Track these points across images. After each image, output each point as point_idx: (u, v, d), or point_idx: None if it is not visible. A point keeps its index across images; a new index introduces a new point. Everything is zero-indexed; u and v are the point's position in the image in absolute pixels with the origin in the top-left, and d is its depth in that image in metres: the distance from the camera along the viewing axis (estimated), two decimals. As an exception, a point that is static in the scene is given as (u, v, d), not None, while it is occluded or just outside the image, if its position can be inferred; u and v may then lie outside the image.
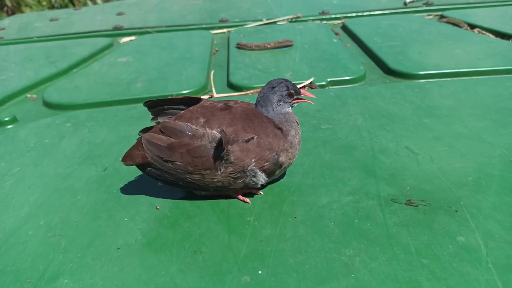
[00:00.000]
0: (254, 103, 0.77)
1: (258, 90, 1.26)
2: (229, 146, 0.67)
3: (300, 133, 0.75)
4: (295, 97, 0.75)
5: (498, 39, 1.58)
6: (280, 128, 0.72)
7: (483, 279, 0.55)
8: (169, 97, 0.77)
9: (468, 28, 1.76)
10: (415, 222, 0.66)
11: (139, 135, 0.75)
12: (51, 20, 2.37)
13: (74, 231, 0.70)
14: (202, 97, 1.25)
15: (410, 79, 1.29)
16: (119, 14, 2.38)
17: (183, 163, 0.67)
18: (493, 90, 1.12)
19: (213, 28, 2.02)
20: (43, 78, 1.46)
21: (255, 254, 0.62)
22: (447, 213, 0.68)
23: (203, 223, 0.69)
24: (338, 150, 0.89)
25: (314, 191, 0.76)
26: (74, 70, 1.59)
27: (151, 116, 0.77)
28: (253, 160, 0.68)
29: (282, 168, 0.73)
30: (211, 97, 1.26)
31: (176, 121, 0.70)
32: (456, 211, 0.68)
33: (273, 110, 0.73)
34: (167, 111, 0.75)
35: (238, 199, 0.74)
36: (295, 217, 0.69)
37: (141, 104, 1.19)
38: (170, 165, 0.68)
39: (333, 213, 0.70)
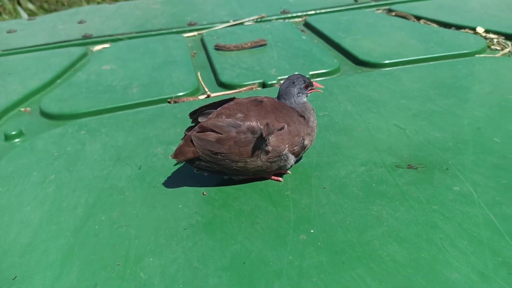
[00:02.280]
0: (276, 96, 0.90)
1: (250, 87, 1.39)
2: (268, 137, 0.79)
3: (316, 118, 0.90)
4: (309, 88, 0.90)
5: (441, 28, 1.83)
6: (302, 116, 0.86)
7: (479, 214, 0.73)
8: (206, 104, 0.88)
9: (415, 20, 2.00)
10: (419, 180, 0.83)
11: (185, 133, 0.85)
12: (9, 32, 2.32)
13: (137, 221, 0.79)
14: (200, 97, 1.36)
15: (379, 68, 1.48)
16: (80, 22, 2.39)
17: (231, 154, 0.79)
18: (450, 73, 1.34)
19: (184, 32, 2.10)
20: (31, 90, 1.48)
21: (302, 219, 0.76)
22: (441, 171, 0.86)
23: (249, 202, 0.82)
24: (339, 132, 1.05)
25: (332, 166, 0.91)
26: (58, 81, 1.62)
27: (162, 118, 0.89)
28: (286, 146, 0.82)
29: (305, 150, 0.88)
30: (208, 96, 1.37)
31: (223, 117, 0.81)
32: (447, 169, 0.86)
33: (295, 101, 0.87)
34: (204, 112, 0.87)
35: (272, 179, 0.88)
36: (324, 188, 0.84)
37: (147, 108, 1.28)
38: (219, 156, 0.79)
39: (353, 181, 0.85)
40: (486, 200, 0.77)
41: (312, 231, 0.73)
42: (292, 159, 0.84)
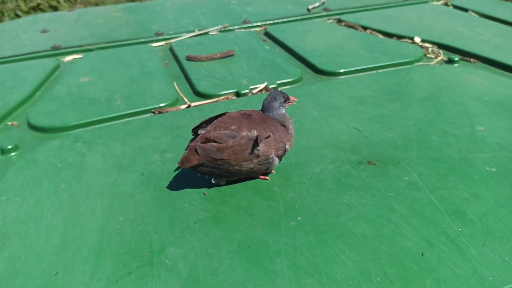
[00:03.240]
0: (260, 109, 1.08)
1: (226, 96, 1.56)
2: (259, 144, 0.97)
3: (293, 126, 1.08)
4: (287, 101, 1.08)
5: (385, 38, 2.10)
6: (283, 125, 1.05)
7: (424, 197, 0.96)
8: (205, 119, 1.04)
9: (362, 30, 2.26)
10: (377, 173, 1.05)
11: (188, 144, 1.01)
12: (-33, 42, 2.30)
13: (152, 220, 0.94)
14: (181, 107, 1.51)
15: (335, 76, 1.70)
16: (43, 31, 2.41)
17: (229, 159, 0.96)
18: (395, 80, 1.58)
19: (151, 42, 2.21)
20: (14, 105, 1.55)
21: (290, 209, 0.94)
22: (393, 165, 1.08)
23: (244, 198, 0.99)
24: (310, 135, 1.24)
25: (308, 165, 1.10)
26: (37, 93, 1.69)
27: (151, 128, 1.20)
28: (273, 150, 1.00)
29: (286, 152, 1.06)
30: (189, 106, 1.51)
31: (221, 130, 0.98)
32: (398, 163, 1.09)
33: (277, 113, 1.05)
34: (203, 125, 1.03)
35: (260, 178, 1.05)
36: (304, 183, 1.03)
37: (134, 118, 1.41)
38: (219, 162, 0.96)
39: (327, 176, 1.05)
40: (428, 186, 0.99)
41: (299, 218, 0.92)
42: (277, 161, 1.02)
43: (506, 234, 0.84)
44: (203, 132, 1.01)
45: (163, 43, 2.21)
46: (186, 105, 1.52)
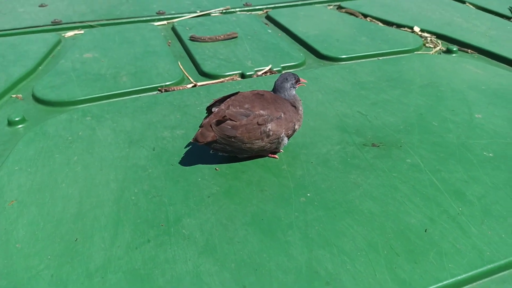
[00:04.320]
0: (271, 90, 1.11)
1: (231, 77, 1.58)
2: (269, 124, 1.00)
3: (302, 107, 1.12)
4: (298, 83, 1.11)
5: (385, 26, 2.13)
6: (294, 106, 1.08)
7: (426, 179, 1.01)
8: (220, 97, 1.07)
9: (362, 17, 2.28)
10: (381, 155, 1.10)
11: (203, 121, 1.03)
12: (-35, 13, 2.26)
13: (166, 192, 0.97)
14: (188, 86, 1.52)
15: (338, 61, 1.74)
16: (41, 6, 2.38)
17: (242, 137, 0.99)
18: (396, 68, 1.63)
19: (153, 21, 2.21)
20: (18, 77, 1.54)
21: (300, 186, 0.98)
22: (396, 148, 1.13)
23: (255, 174, 1.03)
24: (316, 117, 1.28)
25: (314, 145, 1.14)
26: (40, 68, 1.68)
27: (159, 105, 1.23)
28: (283, 130, 1.03)
29: (295, 132, 1.10)
30: (195, 85, 1.53)
31: (237, 108, 1.00)
32: (401, 146, 1.13)
33: (288, 93, 1.08)
34: (217, 104, 1.05)
35: (269, 156, 1.09)
36: (312, 162, 1.07)
37: (142, 95, 1.42)
38: (233, 139, 0.99)
39: (333, 156, 1.09)
40: (430, 168, 1.04)
41: (308, 194, 0.96)
42: (286, 140, 1.06)
43: (503, 214, 0.90)
44: (217, 109, 1.04)
45: (165, 22, 2.20)
46: (192, 85, 1.54)
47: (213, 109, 1.05)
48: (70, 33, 2.04)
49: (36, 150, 1.12)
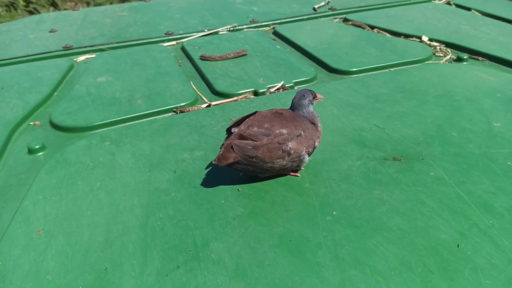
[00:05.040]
0: (289, 108, 1.11)
1: (244, 96, 1.58)
2: (290, 142, 1.00)
3: (321, 124, 1.12)
4: (315, 99, 1.12)
5: (393, 37, 2.14)
6: (313, 123, 1.08)
7: (452, 192, 1.00)
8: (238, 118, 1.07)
9: (369, 29, 2.30)
10: (404, 169, 1.09)
11: (224, 143, 1.03)
12: (-23, 42, 2.30)
13: (191, 216, 0.97)
14: (202, 106, 1.53)
15: (349, 74, 1.74)
16: (51, 31, 2.42)
17: (264, 157, 0.99)
18: (408, 78, 1.63)
19: (162, 41, 2.23)
20: (34, 105, 1.56)
21: (324, 204, 0.98)
22: (418, 161, 1.12)
23: (278, 194, 1.02)
24: (333, 132, 1.28)
25: (334, 161, 1.14)
26: (55, 93, 1.70)
27: (176, 127, 1.26)
28: (304, 148, 1.03)
29: (315, 150, 1.10)
30: (209, 105, 1.54)
31: (255, 128, 1.01)
32: (422, 159, 1.13)
33: (306, 110, 1.09)
34: (236, 124, 1.06)
35: (291, 175, 1.09)
36: (334, 179, 1.07)
37: (158, 117, 1.43)
38: (254, 159, 0.99)
39: (355, 172, 1.09)
40: (454, 181, 1.04)
41: (334, 213, 0.95)
42: (307, 158, 1.06)
43: (534, 225, 0.89)
44: (236, 130, 1.04)
45: (174, 42, 2.23)
46: (207, 104, 1.55)
47: (232, 130, 1.06)
48: (82, 58, 2.07)
49: (58, 178, 1.13)
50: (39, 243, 0.91)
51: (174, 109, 1.50)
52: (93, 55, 2.08)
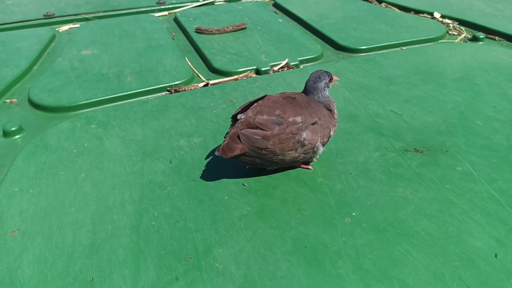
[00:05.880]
0: (302, 91, 0.98)
1: (246, 74, 1.44)
2: (304, 132, 0.88)
3: (337, 110, 0.99)
4: (331, 81, 0.99)
5: (402, 12, 2.00)
6: (329, 109, 0.95)
7: (483, 190, 0.89)
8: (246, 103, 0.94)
9: (377, 3, 2.14)
10: (427, 163, 0.98)
11: (229, 131, 0.91)
12: (-51, 7, 2.09)
13: (191, 215, 0.85)
14: (199, 85, 1.39)
15: (358, 53, 1.61)
16: (31, -3, 2.21)
17: (274, 148, 0.87)
18: (423, 58, 1.50)
19: (153, 11, 2.05)
20: (11, 80, 1.40)
21: (342, 203, 0.87)
22: (442, 153, 1.01)
23: (289, 190, 0.91)
24: (346, 119, 1.16)
25: (350, 152, 1.02)
26: (35, 67, 1.54)
27: (170, 108, 1.14)
28: (319, 138, 0.91)
29: (329, 139, 0.98)
30: (207, 84, 1.40)
31: (264, 116, 0.88)
32: (447, 151, 1.02)
33: (322, 95, 0.96)
34: (243, 110, 0.93)
35: (302, 167, 0.97)
36: (351, 173, 0.95)
37: (150, 97, 1.29)
38: (263, 151, 0.87)
39: (373, 165, 0.97)
40: (484, 177, 0.93)
41: (353, 214, 0.84)
42: (321, 149, 0.93)
43: None
44: (243, 117, 0.91)
45: (166, 12, 2.05)
46: (204, 83, 1.40)
47: (238, 117, 0.92)
48: (64, 27, 1.89)
49: (37, 166, 0.99)
50: (14, 247, 0.78)
51: (168, 88, 1.36)
52: (77, 25, 1.90)
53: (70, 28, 1.87)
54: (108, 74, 1.42)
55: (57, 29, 1.87)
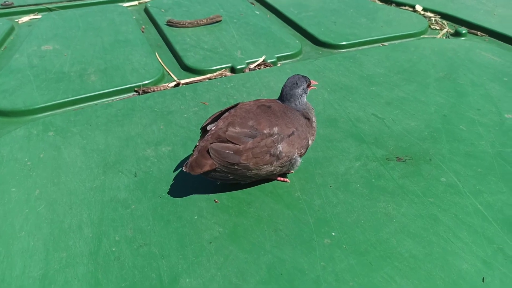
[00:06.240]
0: (277, 98, 0.90)
1: (220, 73, 1.36)
2: (280, 144, 0.81)
3: (315, 117, 0.92)
4: (309, 86, 0.92)
5: (384, 4, 1.93)
6: (307, 118, 0.88)
7: (468, 204, 0.84)
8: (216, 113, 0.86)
9: (357, -6, 2.07)
10: (410, 173, 0.92)
11: (198, 144, 0.83)
12: None
13: (156, 238, 0.77)
14: (169, 85, 1.30)
15: (338, 49, 1.54)
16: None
17: (248, 163, 0.79)
18: (405, 55, 1.44)
19: (122, 1, 1.93)
20: (-38, 79, 1.28)
21: (320, 221, 0.80)
22: (426, 162, 0.96)
23: (264, 206, 0.84)
24: (325, 124, 1.09)
25: (329, 161, 0.96)
26: (-10, 64, 1.41)
27: (137, 112, 1.05)
28: (296, 150, 0.84)
29: (308, 149, 0.91)
30: (178, 84, 1.30)
31: (236, 127, 0.80)
32: (430, 160, 0.96)
33: (299, 102, 0.88)
34: (214, 120, 0.85)
35: (279, 180, 0.90)
36: (330, 186, 0.89)
37: (115, 98, 1.19)
38: (236, 167, 0.79)
39: (354, 177, 0.91)
40: (469, 189, 0.88)
41: (333, 233, 0.78)
42: (299, 161, 0.87)
43: None
44: (214, 128, 0.83)
45: (135, 2, 1.93)
46: (175, 83, 1.31)
47: (208, 127, 0.85)
48: (24, 18, 1.75)
49: (-15, 182, 0.89)
50: (-47, 282, 0.69)
51: (136, 89, 1.26)
52: (39, 16, 1.76)
53: (30, 19, 1.74)
54: (70, 72, 1.31)
55: (16, 20, 1.73)
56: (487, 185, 0.89)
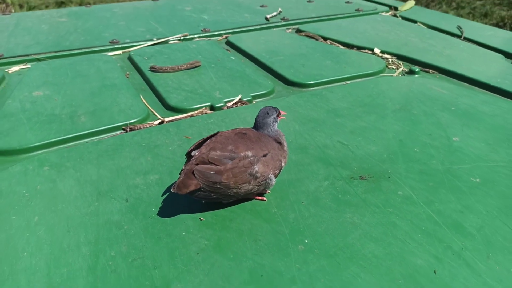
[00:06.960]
0: (252, 127, 1.03)
1: (201, 111, 1.49)
2: (256, 165, 0.93)
3: (287, 142, 1.06)
4: (279, 116, 1.05)
5: (346, 49, 2.15)
6: (279, 142, 1.01)
7: (422, 212, 0.97)
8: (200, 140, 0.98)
9: (323, 40, 2.29)
10: (372, 189, 1.05)
11: (183, 168, 0.94)
12: None
13: (149, 252, 0.86)
14: (154, 123, 1.42)
15: (306, 87, 1.71)
16: (-22, 38, 2.17)
17: (228, 182, 0.91)
18: (366, 91, 1.62)
19: (107, 51, 2.08)
20: (-43, 123, 1.36)
21: (295, 232, 0.91)
22: (385, 179, 1.09)
23: (245, 222, 0.94)
24: (297, 151, 1.22)
25: (301, 182, 1.08)
26: (-18, 109, 1.50)
27: (126, 147, 1.16)
28: (270, 170, 0.96)
29: (281, 170, 1.03)
30: (162, 122, 1.42)
31: (217, 151, 0.92)
32: (389, 177, 1.10)
33: (271, 129, 1.02)
34: (196, 147, 0.97)
35: (257, 199, 1.01)
36: (302, 202, 1.00)
37: (105, 136, 1.29)
38: (218, 186, 0.90)
39: (323, 194, 1.03)
40: (423, 200, 1.01)
41: (306, 241, 0.89)
42: (274, 180, 0.99)
43: (505, 245, 0.88)
44: (197, 154, 0.95)
45: (120, 52, 2.08)
46: (159, 121, 1.43)
47: (192, 153, 0.96)
48: (14, 68, 1.87)
49: (-14, 212, 0.97)
50: (-38, 298, 0.76)
51: (123, 127, 1.37)
52: (28, 65, 1.88)
53: (20, 69, 1.85)
54: (61, 114, 1.41)
55: (6, 70, 1.84)
56: (438, 196, 1.03)
